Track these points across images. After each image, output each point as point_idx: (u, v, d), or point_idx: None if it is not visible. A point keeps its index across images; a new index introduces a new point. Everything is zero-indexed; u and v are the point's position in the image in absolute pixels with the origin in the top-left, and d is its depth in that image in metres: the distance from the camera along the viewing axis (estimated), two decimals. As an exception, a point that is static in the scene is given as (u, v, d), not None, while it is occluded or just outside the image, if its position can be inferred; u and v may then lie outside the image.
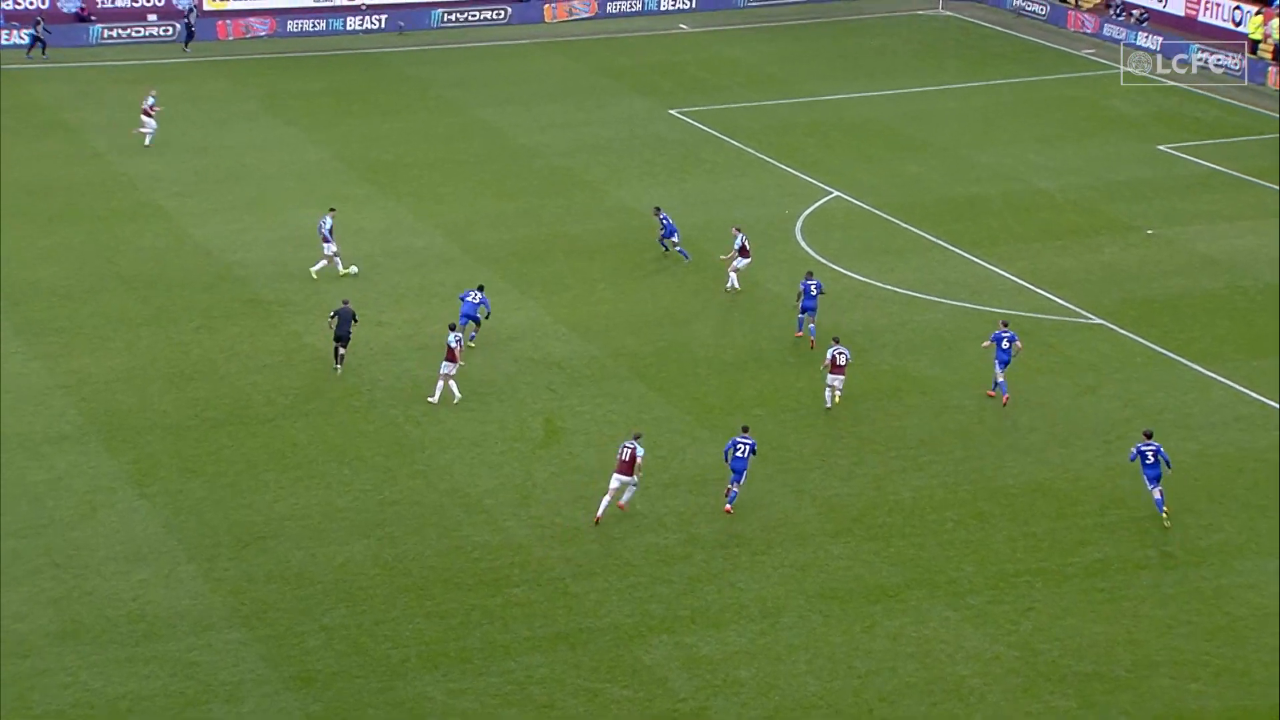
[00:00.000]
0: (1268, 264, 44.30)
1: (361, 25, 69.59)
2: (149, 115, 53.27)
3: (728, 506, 31.51)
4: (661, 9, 73.28)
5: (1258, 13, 64.33)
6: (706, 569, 29.98)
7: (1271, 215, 48.10)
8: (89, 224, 46.53)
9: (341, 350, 37.11)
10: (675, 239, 43.80)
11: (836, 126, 57.24)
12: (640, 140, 55.26)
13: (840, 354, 35.66)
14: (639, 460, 30.68)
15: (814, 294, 38.70)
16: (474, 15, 71.19)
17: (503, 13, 71.62)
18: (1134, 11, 69.15)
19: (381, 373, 37.47)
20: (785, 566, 30.01)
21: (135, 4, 67.80)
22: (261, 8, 69.06)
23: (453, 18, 70.73)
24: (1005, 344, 36.10)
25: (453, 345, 35.42)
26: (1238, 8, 65.86)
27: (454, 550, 30.47)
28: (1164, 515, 31.25)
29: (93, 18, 66.91)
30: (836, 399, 35.66)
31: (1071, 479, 33.08)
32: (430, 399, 35.58)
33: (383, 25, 69.83)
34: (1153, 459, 31.32)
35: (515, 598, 29.04)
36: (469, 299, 38.01)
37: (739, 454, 31.38)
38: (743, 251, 41.59)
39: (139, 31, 66.95)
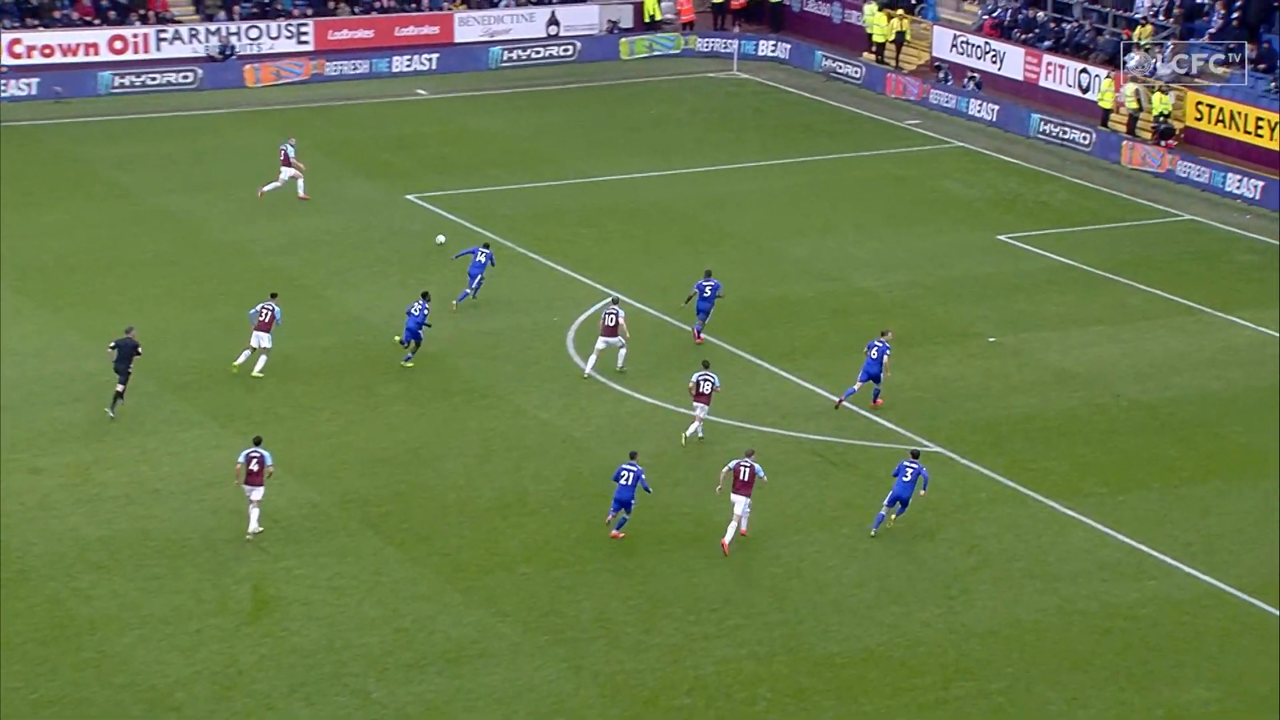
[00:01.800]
0: (1131, 377, 46.24)
1: (4, 92, 68.48)
2: (290, 164, 55.74)
3: (615, 533, 36.34)
4: (394, 70, 73.90)
5: (1109, 76, 67.58)
6: (462, 772, 29.79)
7: (1132, 320, 50.27)
8: None
9: (120, 388, 40.79)
10: (480, 276, 48.10)
11: (614, 214, 58.20)
12: (370, 233, 55.34)
13: (705, 380, 40.71)
14: (760, 479, 35.88)
15: (708, 295, 45.90)
16: (154, 79, 70.75)
17: (191, 75, 71.33)
18: (965, 75, 72.18)
19: (36, 534, 36.53)
20: (561, 765, 30.00)
21: None
22: None
23: (126, 81, 70.19)
24: (875, 353, 42.38)
25: (254, 468, 35.78)
26: (1084, 70, 69.20)
27: (136, 760, 29.78)
28: (873, 533, 36.82)
29: None
30: (697, 431, 40.74)
31: (908, 645, 33.78)
32: (249, 533, 36.17)
33: (33, 91, 68.85)
34: (910, 477, 36.02)
35: (217, 819, 28.50)
36: (412, 310, 44.02)
37: (624, 482, 35.94)
38: (607, 330, 43.94)
39: None
